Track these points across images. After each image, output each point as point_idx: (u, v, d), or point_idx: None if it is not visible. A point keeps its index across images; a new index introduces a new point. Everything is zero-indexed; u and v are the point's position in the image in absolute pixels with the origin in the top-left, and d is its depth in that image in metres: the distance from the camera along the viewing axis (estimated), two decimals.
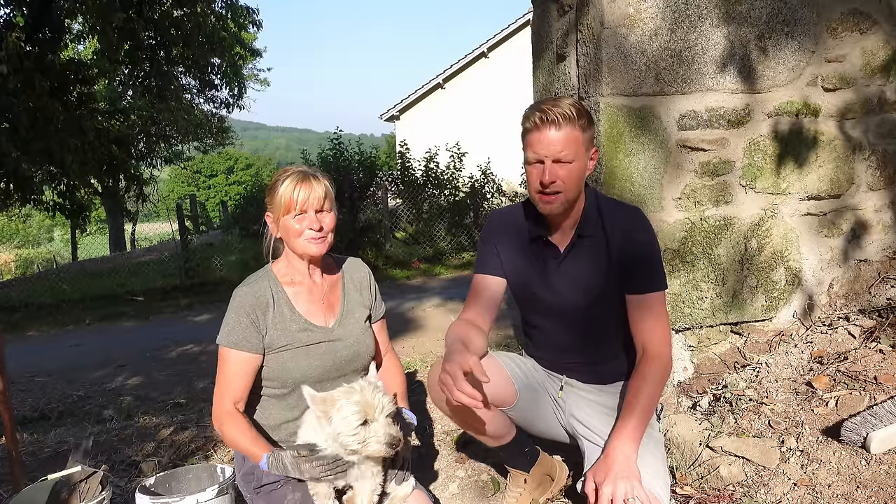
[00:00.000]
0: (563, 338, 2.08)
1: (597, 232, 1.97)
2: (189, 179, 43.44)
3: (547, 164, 1.84)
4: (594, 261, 1.98)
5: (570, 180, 1.85)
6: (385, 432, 1.64)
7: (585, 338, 2.06)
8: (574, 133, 1.83)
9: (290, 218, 1.87)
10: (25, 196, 9.78)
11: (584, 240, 1.98)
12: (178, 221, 11.22)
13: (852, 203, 2.99)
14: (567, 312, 2.03)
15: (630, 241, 1.95)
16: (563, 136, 1.82)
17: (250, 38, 18.24)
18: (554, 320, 2.07)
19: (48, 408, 4.42)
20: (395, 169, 12.13)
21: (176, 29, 10.56)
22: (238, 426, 1.84)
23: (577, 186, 1.90)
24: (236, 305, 1.89)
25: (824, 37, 2.85)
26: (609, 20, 2.64)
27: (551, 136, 1.82)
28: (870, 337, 2.62)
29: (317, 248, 1.90)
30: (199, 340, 6.18)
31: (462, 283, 8.67)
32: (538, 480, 2.31)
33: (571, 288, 2.00)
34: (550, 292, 2.03)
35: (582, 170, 1.89)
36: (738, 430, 2.36)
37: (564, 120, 1.81)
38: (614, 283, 1.96)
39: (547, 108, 1.83)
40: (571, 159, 1.83)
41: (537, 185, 1.87)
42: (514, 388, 2.06)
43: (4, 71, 7.85)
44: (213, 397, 1.90)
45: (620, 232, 1.96)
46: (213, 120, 20.48)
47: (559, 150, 1.82)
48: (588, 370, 2.11)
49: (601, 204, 2.02)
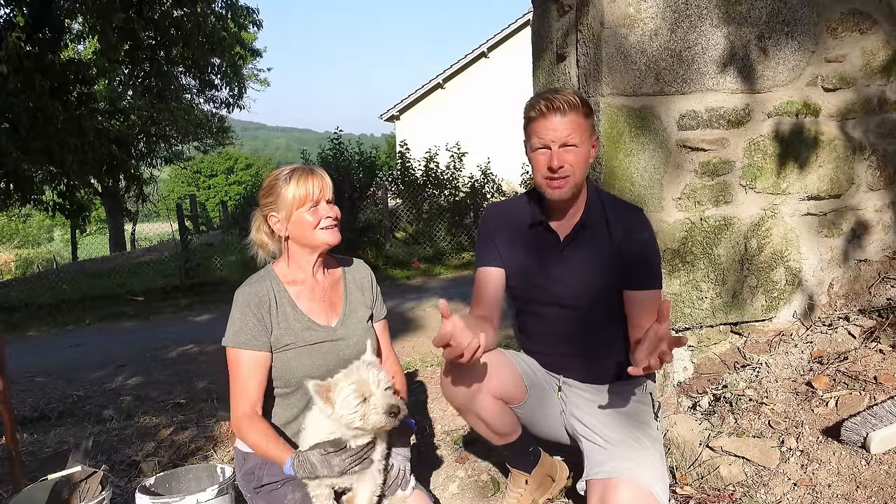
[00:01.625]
0: (561, 328, 2.08)
1: (599, 223, 2.00)
2: (189, 179, 43.42)
3: (554, 150, 1.88)
4: (596, 251, 2.00)
5: (577, 165, 1.89)
6: (384, 403, 1.66)
7: (583, 328, 2.05)
8: (578, 119, 1.88)
9: (303, 211, 1.87)
10: (25, 196, 9.77)
11: (587, 230, 2.00)
12: (178, 221, 11.22)
13: (852, 203, 2.99)
14: (566, 301, 2.03)
15: (633, 239, 1.98)
16: (568, 121, 1.87)
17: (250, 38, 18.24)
18: (554, 310, 2.07)
19: (48, 408, 4.42)
20: (395, 169, 12.13)
21: (176, 29, 10.56)
22: (258, 429, 1.81)
23: (583, 171, 1.93)
24: (241, 305, 1.88)
25: (824, 37, 2.85)
26: (609, 20, 2.64)
27: (557, 122, 1.87)
28: (870, 337, 2.62)
29: (334, 237, 1.91)
30: (199, 340, 6.17)
31: (462, 283, 8.67)
32: (539, 481, 2.31)
33: (572, 276, 2.01)
34: (550, 280, 2.03)
35: (587, 155, 1.93)
36: (738, 430, 2.36)
37: (569, 106, 1.86)
38: (614, 276, 1.98)
39: (551, 96, 1.88)
40: (578, 143, 1.88)
41: (545, 170, 1.90)
42: (525, 384, 2.07)
43: (4, 71, 7.84)
44: (231, 403, 1.88)
45: (623, 227, 1.99)
46: (213, 120, 20.47)
47: (566, 135, 1.87)
48: (585, 366, 2.10)
49: (603, 197, 2.06)
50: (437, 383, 3.68)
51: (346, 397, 1.66)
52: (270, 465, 1.88)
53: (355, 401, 1.66)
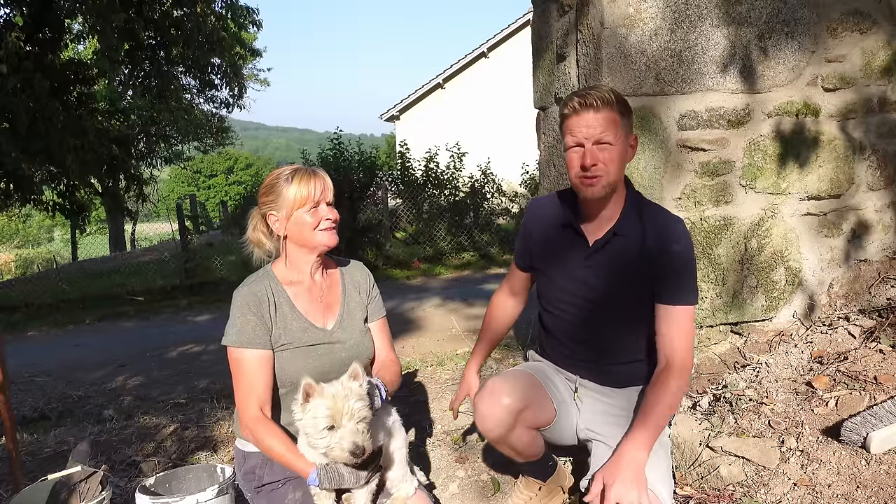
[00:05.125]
0: (581, 331, 2.06)
1: (634, 232, 1.94)
2: (189, 179, 43.43)
3: (587, 147, 1.84)
4: (625, 260, 1.94)
5: (611, 163, 1.85)
6: (350, 440, 1.61)
7: (602, 334, 2.04)
8: (612, 115, 1.84)
9: (303, 212, 1.86)
10: (25, 196, 9.77)
11: (619, 238, 1.94)
12: (178, 221, 11.22)
13: (852, 203, 2.99)
14: (588, 306, 2.01)
15: (668, 251, 1.91)
16: (602, 117, 1.82)
17: (250, 38, 18.24)
18: (574, 312, 2.05)
19: (48, 408, 4.41)
20: (395, 169, 12.12)
21: (176, 29, 10.55)
22: (273, 434, 1.78)
23: (618, 171, 1.88)
24: (240, 304, 1.88)
25: (824, 37, 2.85)
26: (609, 20, 2.64)
27: (590, 119, 1.83)
28: (870, 337, 2.62)
29: (332, 239, 1.90)
30: (199, 340, 6.16)
31: (462, 283, 8.66)
32: (550, 490, 2.31)
33: (597, 282, 1.98)
34: (575, 283, 2.01)
35: (622, 154, 1.88)
36: (738, 430, 2.36)
37: (602, 103, 1.82)
38: (643, 286, 1.93)
39: (584, 92, 1.85)
40: (612, 141, 1.84)
41: (578, 168, 1.86)
42: (553, 406, 2.06)
43: (4, 71, 7.83)
44: (237, 406, 1.85)
45: (659, 239, 1.92)
46: (213, 120, 20.46)
47: (599, 132, 1.82)
48: (603, 370, 2.08)
49: (643, 206, 1.99)
50: (437, 383, 3.68)
51: (316, 418, 1.62)
52: (271, 464, 1.88)
53: (322, 425, 1.62)
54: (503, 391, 1.96)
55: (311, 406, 1.63)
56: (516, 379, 2.04)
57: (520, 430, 1.99)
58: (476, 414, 2.01)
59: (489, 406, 1.96)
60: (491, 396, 1.96)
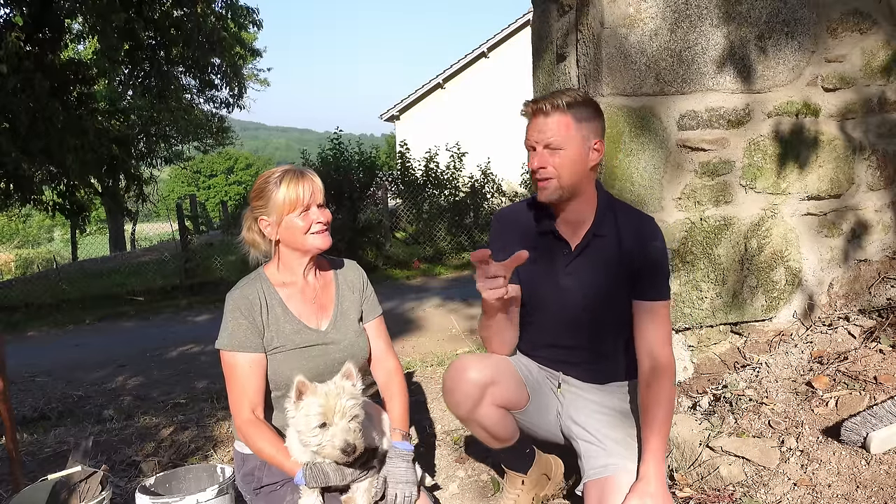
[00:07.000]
0: (566, 335, 2.06)
1: (610, 232, 1.96)
2: (189, 179, 43.41)
3: (538, 150, 1.87)
4: (606, 262, 1.96)
5: (561, 167, 1.85)
6: (341, 438, 1.61)
7: (588, 337, 2.04)
8: (565, 119, 1.84)
9: (294, 216, 1.86)
10: (25, 196, 9.77)
11: (598, 239, 1.96)
12: (178, 221, 11.23)
13: (852, 203, 2.99)
14: (573, 311, 2.01)
15: (646, 248, 1.94)
16: (551, 122, 1.84)
17: (250, 38, 18.24)
18: (559, 317, 2.05)
19: (48, 408, 4.42)
20: (395, 169, 12.12)
21: (176, 29, 10.54)
22: (262, 435, 1.79)
23: (572, 174, 1.87)
24: (231, 308, 1.88)
25: (824, 37, 2.85)
26: (609, 20, 2.64)
27: (539, 124, 1.86)
28: (870, 337, 2.62)
29: (325, 242, 1.90)
30: (199, 340, 6.18)
31: (462, 284, 8.66)
32: (535, 480, 2.32)
33: (580, 286, 1.98)
34: (558, 290, 2.01)
35: (576, 158, 1.86)
36: (738, 430, 2.36)
37: (553, 108, 1.84)
38: (623, 285, 1.95)
39: (539, 97, 1.89)
40: (561, 146, 1.84)
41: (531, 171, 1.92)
42: (526, 391, 2.06)
43: (4, 71, 7.83)
44: (231, 407, 1.86)
45: (636, 236, 1.95)
46: (213, 120, 20.47)
47: (548, 137, 1.85)
48: (587, 370, 2.09)
49: (614, 204, 2.02)
50: (437, 383, 3.68)
51: (308, 416, 1.62)
52: (269, 466, 1.87)
53: (314, 423, 1.62)
54: (470, 366, 1.98)
55: (304, 404, 1.64)
56: (487, 357, 2.06)
57: (488, 407, 1.98)
58: (444, 389, 2.02)
59: (456, 381, 1.97)
60: (458, 371, 1.98)
